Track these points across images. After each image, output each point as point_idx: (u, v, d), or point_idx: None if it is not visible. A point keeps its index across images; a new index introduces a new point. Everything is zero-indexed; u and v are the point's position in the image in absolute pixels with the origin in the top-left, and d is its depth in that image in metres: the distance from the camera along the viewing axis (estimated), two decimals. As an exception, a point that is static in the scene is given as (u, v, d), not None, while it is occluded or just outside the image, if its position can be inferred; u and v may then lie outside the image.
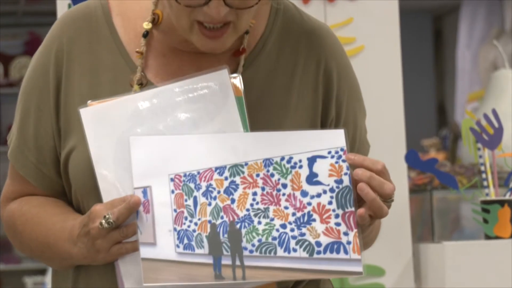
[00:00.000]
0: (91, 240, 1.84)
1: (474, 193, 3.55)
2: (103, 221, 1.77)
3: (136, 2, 2.03)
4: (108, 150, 1.90)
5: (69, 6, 3.32)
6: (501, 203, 3.31)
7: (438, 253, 3.45)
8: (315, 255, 1.73)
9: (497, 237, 3.31)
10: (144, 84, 1.93)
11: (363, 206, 1.75)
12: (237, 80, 1.87)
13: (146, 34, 1.95)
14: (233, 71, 1.93)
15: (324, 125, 1.96)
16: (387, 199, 1.74)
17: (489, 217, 3.35)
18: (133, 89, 1.92)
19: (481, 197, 3.38)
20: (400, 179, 3.47)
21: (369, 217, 1.73)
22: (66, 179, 1.93)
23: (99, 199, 1.81)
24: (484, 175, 3.39)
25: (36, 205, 2.02)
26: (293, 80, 1.97)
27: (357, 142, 1.99)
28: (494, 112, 3.40)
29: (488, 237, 3.33)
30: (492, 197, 3.36)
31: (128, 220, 1.78)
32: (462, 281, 3.34)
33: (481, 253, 3.40)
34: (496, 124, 3.34)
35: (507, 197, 3.35)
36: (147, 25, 1.95)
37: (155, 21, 1.96)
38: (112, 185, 1.86)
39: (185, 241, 1.78)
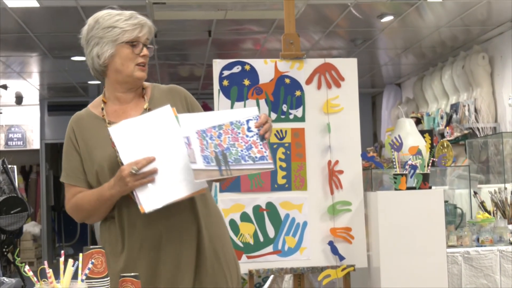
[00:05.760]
0: (123, 180, 2.13)
1: (390, 171, 4.09)
2: (133, 170, 2.11)
3: (98, 101, 2.38)
4: (131, 145, 2.15)
5: (218, 92, 3.68)
6: (401, 175, 3.75)
7: (374, 196, 3.77)
8: (256, 162, 2.13)
9: (399, 189, 3.74)
10: (111, 124, 2.26)
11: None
12: (173, 109, 2.21)
13: (102, 109, 2.34)
14: (142, 106, 2.32)
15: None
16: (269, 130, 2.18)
17: (396, 181, 3.76)
18: (110, 126, 2.24)
19: (393, 172, 3.82)
20: (358, 164, 3.80)
21: None
22: (94, 178, 2.28)
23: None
24: (394, 163, 3.80)
25: (84, 192, 2.31)
26: (171, 103, 2.26)
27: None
28: (399, 136, 3.87)
29: (395, 189, 3.77)
30: (398, 172, 3.77)
31: (144, 169, 2.11)
32: (384, 208, 3.68)
33: (392, 196, 3.77)
34: (399, 141, 3.81)
35: (403, 172, 3.76)
36: (102, 106, 2.35)
37: (103, 103, 2.36)
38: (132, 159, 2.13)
39: (206, 160, 2.11)
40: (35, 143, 11.90)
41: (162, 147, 2.16)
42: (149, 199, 2.12)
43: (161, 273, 2.23)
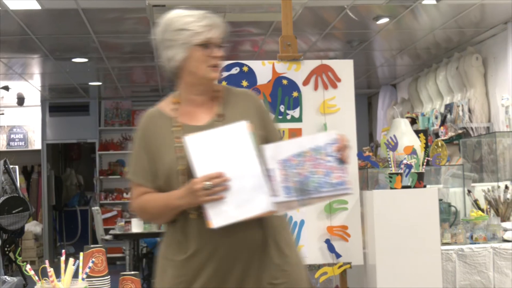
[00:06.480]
0: (194, 193, 2.07)
1: (386, 170, 4.07)
2: (206, 186, 2.05)
3: (169, 100, 2.33)
4: (207, 157, 2.10)
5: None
6: (396, 174, 3.78)
7: (369, 195, 3.79)
8: (334, 188, 2.05)
9: (394, 188, 3.77)
10: (180, 126, 2.23)
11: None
12: (249, 125, 2.16)
13: (174, 110, 2.29)
14: (215, 111, 2.26)
15: (263, 127, 2.27)
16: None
17: (391, 180, 3.78)
18: (175, 130, 2.23)
19: (388, 171, 3.85)
20: (354, 164, 3.73)
21: None
22: (164, 180, 2.20)
23: (176, 187, 2.14)
24: (390, 162, 3.83)
25: (151, 194, 2.25)
26: (244, 113, 2.26)
27: (276, 131, 2.38)
28: (394, 136, 3.91)
29: (391, 188, 3.79)
30: (393, 171, 3.80)
31: (215, 186, 2.07)
32: (380, 206, 3.70)
33: (388, 195, 3.78)
34: (394, 141, 3.84)
35: (398, 171, 3.78)
36: (174, 106, 2.31)
37: (175, 103, 2.31)
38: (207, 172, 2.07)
39: (287, 191, 2.07)
40: (36, 143, 11.91)
41: (235, 164, 2.10)
42: (219, 215, 2.07)
43: (230, 277, 2.18)
